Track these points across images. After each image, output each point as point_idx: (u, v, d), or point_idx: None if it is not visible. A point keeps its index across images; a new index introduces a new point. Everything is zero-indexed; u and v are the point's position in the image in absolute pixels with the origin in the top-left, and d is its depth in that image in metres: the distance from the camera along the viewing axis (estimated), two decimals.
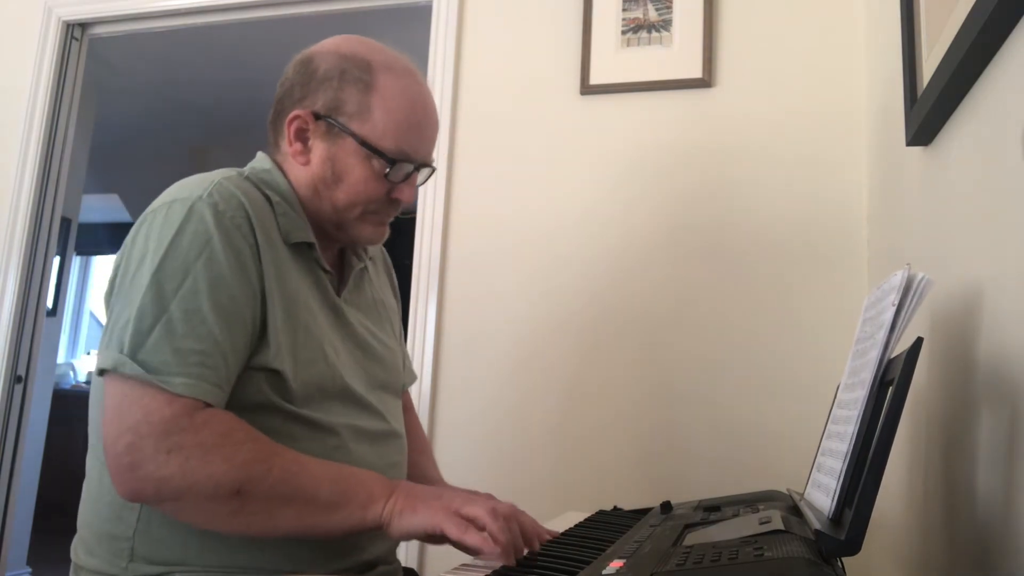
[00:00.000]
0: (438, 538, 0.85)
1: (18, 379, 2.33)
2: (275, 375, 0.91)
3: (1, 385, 2.27)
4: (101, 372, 0.87)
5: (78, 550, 0.95)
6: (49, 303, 3.18)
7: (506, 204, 1.91)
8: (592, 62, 1.88)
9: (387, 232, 1.07)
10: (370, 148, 0.98)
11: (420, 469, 1.21)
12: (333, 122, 0.99)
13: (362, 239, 1.05)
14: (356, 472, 0.90)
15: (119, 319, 0.87)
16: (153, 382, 0.83)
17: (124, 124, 4.32)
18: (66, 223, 3.44)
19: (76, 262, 5.94)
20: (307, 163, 1.01)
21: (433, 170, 1.07)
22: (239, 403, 0.89)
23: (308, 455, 0.90)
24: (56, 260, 2.65)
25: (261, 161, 1.04)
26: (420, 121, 1.02)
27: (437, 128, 1.07)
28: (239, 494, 0.83)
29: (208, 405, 0.85)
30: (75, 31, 2.47)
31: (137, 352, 0.84)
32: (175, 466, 0.82)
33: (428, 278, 1.92)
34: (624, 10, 1.88)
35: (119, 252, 0.94)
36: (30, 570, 3.39)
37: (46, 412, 3.45)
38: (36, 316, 2.39)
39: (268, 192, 0.98)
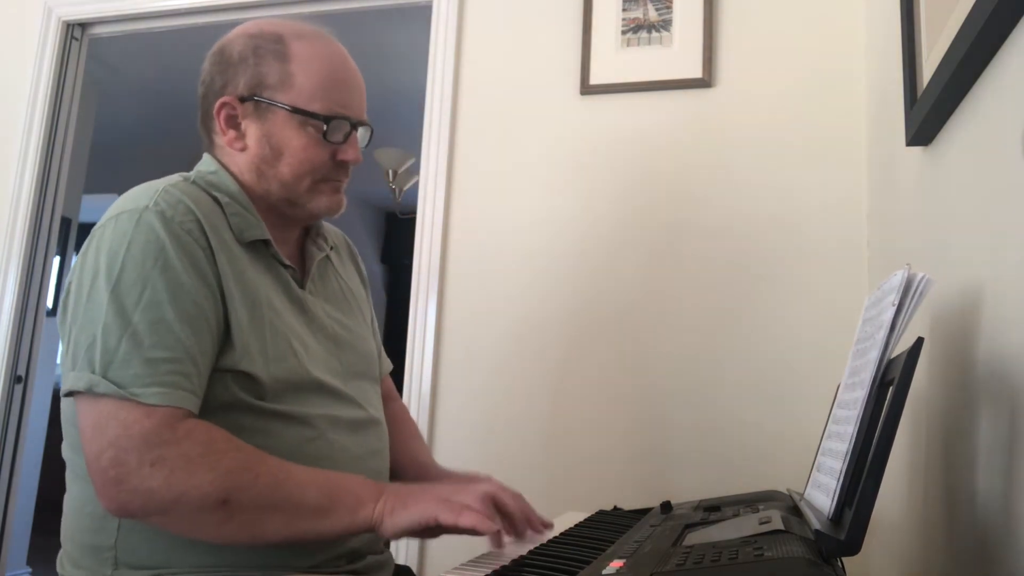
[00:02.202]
0: (433, 531, 0.85)
1: (18, 379, 2.33)
2: (244, 375, 0.90)
3: (1, 385, 2.27)
4: (71, 393, 0.86)
5: (64, 563, 0.95)
6: (49, 303, 3.18)
7: (506, 204, 1.91)
8: (592, 62, 1.88)
9: (343, 201, 1.05)
10: (301, 113, 0.98)
11: (412, 453, 1.20)
12: (259, 99, 0.98)
13: (320, 211, 1.04)
14: (344, 477, 0.89)
15: (82, 338, 0.86)
16: (127, 397, 0.82)
17: (124, 124, 4.32)
18: (66, 223, 3.45)
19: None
20: (244, 148, 1.00)
21: (371, 129, 1.06)
22: (208, 403, 0.88)
23: (286, 450, 0.89)
24: (56, 260, 2.65)
25: (207, 164, 1.03)
26: (344, 78, 1.02)
27: (363, 85, 1.05)
28: (226, 504, 0.82)
29: (188, 412, 0.85)
30: (75, 31, 2.47)
31: (108, 370, 0.83)
32: (160, 479, 0.81)
33: (428, 278, 1.92)
34: (624, 10, 1.88)
35: (70, 271, 0.92)
36: (30, 570, 3.39)
37: (46, 412, 3.45)
38: (36, 316, 2.39)
39: (216, 194, 0.97)
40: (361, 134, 1.04)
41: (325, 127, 0.99)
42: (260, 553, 0.89)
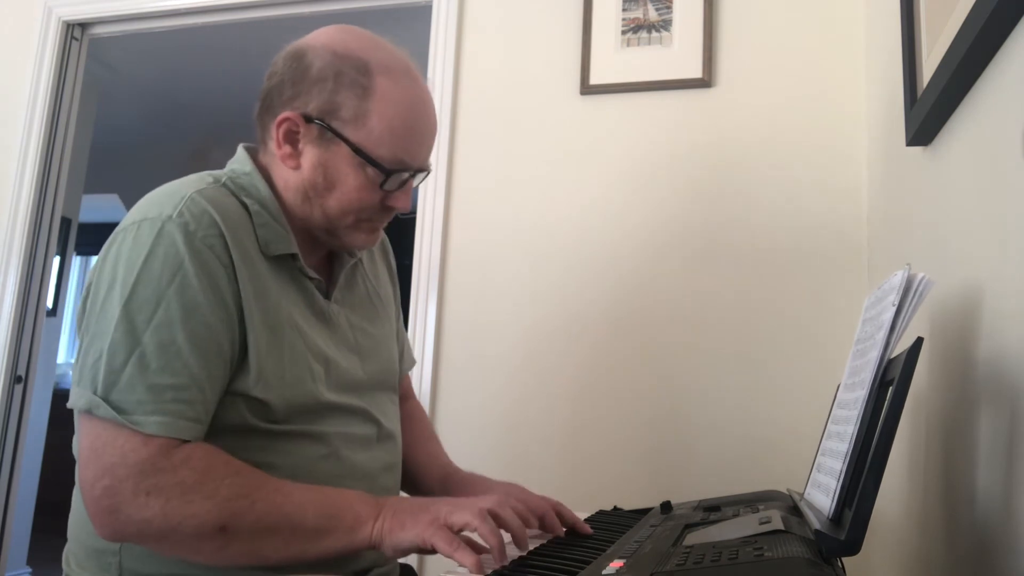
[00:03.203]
0: (432, 550, 0.84)
1: (18, 379, 2.33)
2: (256, 401, 0.88)
3: (1, 385, 2.27)
4: (73, 408, 0.85)
5: (69, 561, 0.94)
6: (49, 303, 3.19)
7: (506, 204, 1.91)
8: (592, 62, 1.88)
9: (380, 237, 1.04)
10: (366, 157, 0.93)
11: (436, 459, 1.19)
12: (326, 127, 0.93)
13: (354, 246, 1.02)
14: (342, 495, 0.88)
15: (90, 352, 0.84)
16: (127, 424, 0.80)
17: (124, 124, 4.32)
18: (66, 223, 3.44)
19: (76, 262, 5.94)
20: (297, 167, 0.95)
21: (428, 173, 1.02)
22: (222, 427, 0.87)
23: (299, 468, 0.88)
24: (56, 260, 2.65)
25: (241, 163, 0.99)
26: (419, 128, 0.97)
27: (435, 130, 1.02)
28: (224, 531, 0.81)
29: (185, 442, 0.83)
30: (75, 31, 2.47)
31: (111, 392, 0.81)
32: (156, 508, 0.80)
33: (428, 278, 1.92)
34: (624, 10, 1.88)
35: (90, 272, 0.90)
36: (30, 570, 3.39)
37: (46, 412, 3.45)
38: (36, 316, 2.39)
39: (246, 200, 0.93)
40: (417, 178, 1.01)
41: (385, 177, 0.94)
42: (266, 571, 0.87)
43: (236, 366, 0.88)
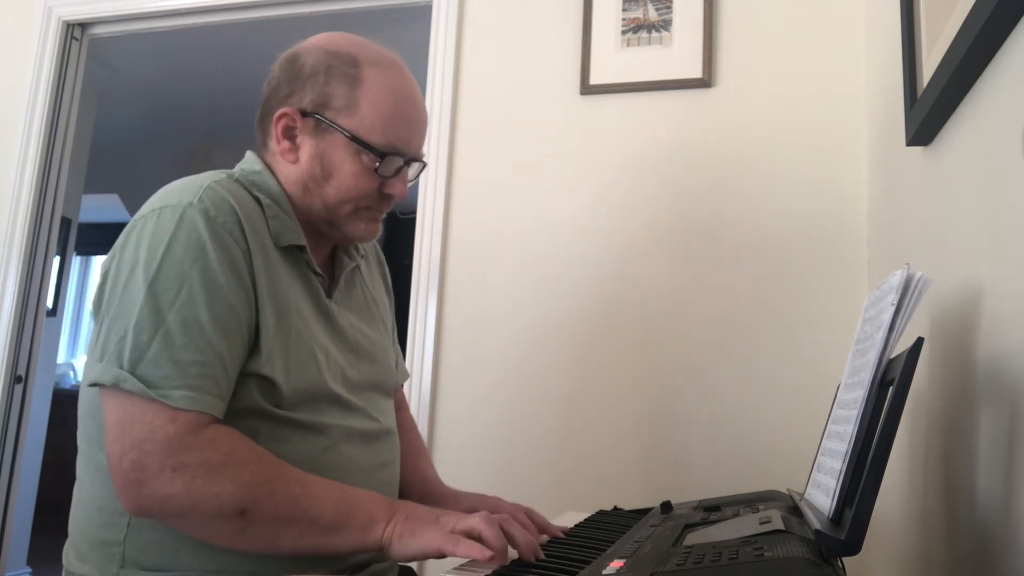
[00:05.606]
0: (439, 555, 0.85)
1: (18, 379, 2.33)
2: (266, 381, 0.90)
3: (1, 385, 2.27)
4: (95, 384, 0.86)
5: (70, 555, 0.95)
6: (49, 303, 3.18)
7: (506, 204, 1.91)
8: (592, 62, 1.88)
9: (379, 229, 1.07)
10: (359, 142, 0.98)
11: (420, 473, 1.21)
12: (321, 118, 0.98)
13: (355, 236, 1.04)
14: (359, 494, 0.90)
15: (114, 331, 0.86)
16: (155, 398, 0.83)
17: (124, 124, 4.32)
18: (66, 223, 3.44)
19: (76, 262, 5.94)
20: (296, 161, 1.00)
21: (424, 165, 1.07)
22: (232, 410, 0.89)
23: (301, 459, 0.90)
24: (56, 260, 2.65)
25: (251, 162, 1.03)
26: (408, 114, 1.01)
27: (426, 122, 1.06)
28: (243, 514, 0.83)
29: (213, 418, 0.85)
30: (75, 31, 2.47)
31: (137, 366, 0.84)
32: (180, 484, 0.82)
33: (428, 278, 1.92)
34: (624, 10, 1.88)
35: (108, 259, 0.92)
36: (30, 570, 3.39)
37: (46, 412, 3.45)
38: (36, 316, 2.39)
39: (258, 194, 0.97)
40: (413, 169, 1.05)
41: (379, 161, 0.99)
42: (265, 560, 0.89)
43: (251, 347, 0.90)
